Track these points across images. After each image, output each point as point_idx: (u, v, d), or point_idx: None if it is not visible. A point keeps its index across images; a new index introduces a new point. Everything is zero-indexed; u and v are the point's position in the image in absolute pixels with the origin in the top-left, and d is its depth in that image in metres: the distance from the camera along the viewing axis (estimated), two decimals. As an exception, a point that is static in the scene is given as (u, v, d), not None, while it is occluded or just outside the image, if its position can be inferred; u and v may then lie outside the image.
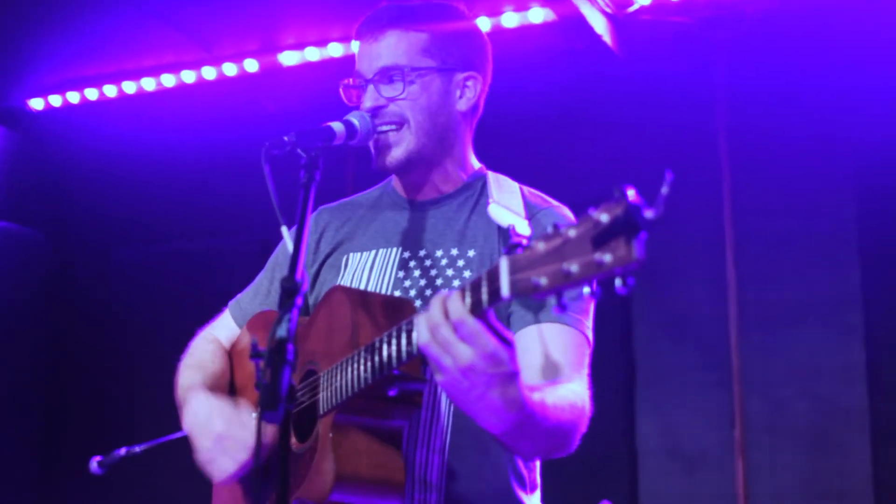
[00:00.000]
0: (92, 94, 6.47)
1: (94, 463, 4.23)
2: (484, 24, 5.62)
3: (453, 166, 2.77)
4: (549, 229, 1.88)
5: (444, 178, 2.77)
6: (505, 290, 1.93)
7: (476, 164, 2.83)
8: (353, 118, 2.64)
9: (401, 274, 2.67)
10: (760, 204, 5.65)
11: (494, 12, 5.61)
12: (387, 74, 2.69)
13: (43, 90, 6.55)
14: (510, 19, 5.60)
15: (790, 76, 5.54)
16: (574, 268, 1.81)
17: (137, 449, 4.27)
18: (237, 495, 2.76)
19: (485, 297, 2.00)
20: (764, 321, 5.55)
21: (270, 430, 2.56)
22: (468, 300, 2.05)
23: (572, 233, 1.83)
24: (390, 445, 2.40)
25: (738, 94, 5.70)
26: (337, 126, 2.58)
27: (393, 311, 2.41)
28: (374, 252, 2.75)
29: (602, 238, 1.78)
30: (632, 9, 5.39)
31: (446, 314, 2.07)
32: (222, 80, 6.28)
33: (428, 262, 2.67)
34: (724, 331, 5.59)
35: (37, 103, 6.58)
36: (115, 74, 6.38)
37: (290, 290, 2.12)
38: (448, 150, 2.75)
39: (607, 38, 5.30)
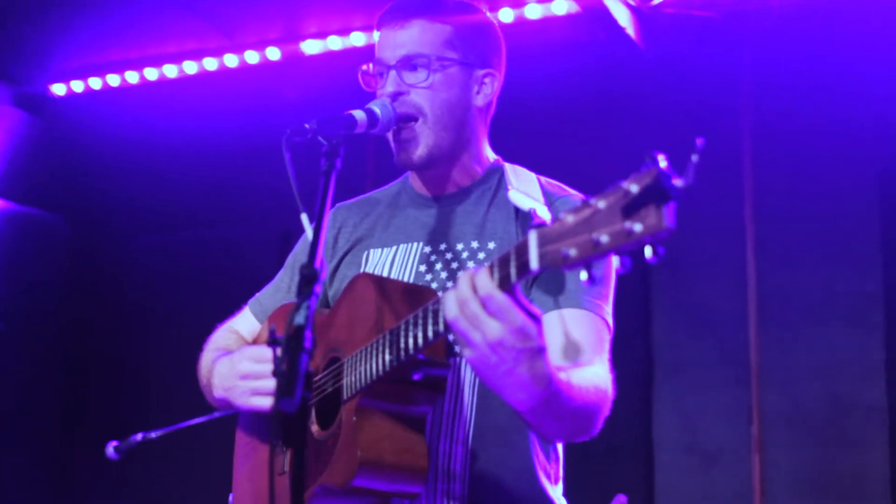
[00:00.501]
0: (114, 80, 6.48)
1: (111, 448, 4.26)
2: (507, 14, 5.61)
3: (470, 160, 2.78)
4: (578, 202, 1.89)
5: (461, 173, 2.77)
6: (534, 262, 1.94)
7: (492, 156, 2.83)
8: (375, 106, 2.64)
9: (422, 268, 2.68)
10: (783, 200, 5.62)
11: (518, 3, 5.60)
12: (410, 62, 2.69)
13: (65, 76, 6.57)
14: (533, 10, 5.59)
15: (816, 72, 5.50)
16: (604, 238, 1.81)
17: (154, 435, 4.29)
18: (256, 466, 2.77)
19: (513, 271, 2.00)
20: (783, 317, 5.53)
21: None
22: (496, 276, 2.06)
23: (601, 204, 1.83)
24: (414, 431, 2.41)
25: (762, 89, 5.67)
26: (358, 114, 2.58)
27: (416, 298, 2.40)
28: (395, 248, 2.76)
29: (632, 207, 1.78)
30: (656, 2, 5.37)
31: (475, 289, 2.08)
32: (244, 68, 6.28)
33: (449, 256, 2.67)
34: (744, 326, 5.57)
35: (59, 89, 6.60)
36: (137, 61, 6.39)
37: (308, 277, 2.12)
38: (465, 144, 2.75)
39: (631, 30, 5.28)
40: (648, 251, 1.77)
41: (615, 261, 2.64)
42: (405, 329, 2.26)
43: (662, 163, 1.77)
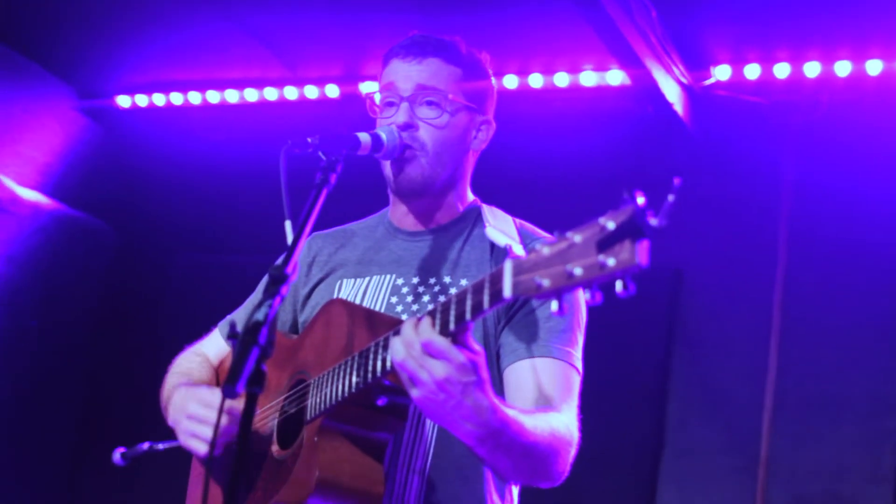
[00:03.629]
0: (177, 98, 6.62)
1: (118, 454, 4.30)
2: (563, 80, 5.67)
3: (454, 199, 2.86)
4: (555, 234, 1.93)
5: (444, 211, 2.85)
6: (507, 290, 1.99)
7: (471, 196, 2.91)
8: (382, 132, 2.71)
9: (393, 300, 2.73)
10: (812, 296, 5.59)
11: (574, 69, 5.66)
12: (425, 96, 2.76)
13: (131, 89, 6.71)
14: (588, 78, 5.65)
15: (857, 172, 5.50)
16: (577, 270, 1.86)
17: (161, 446, 4.32)
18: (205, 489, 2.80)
19: (486, 298, 2.06)
20: (799, 413, 5.48)
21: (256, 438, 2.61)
22: (438, 322, 2.15)
23: (578, 238, 1.88)
24: (373, 457, 2.43)
25: (803, 182, 5.67)
26: (363, 136, 2.66)
27: (387, 328, 2.44)
28: (367, 279, 2.81)
29: (607, 242, 1.83)
30: (708, 82, 5.40)
31: (417, 334, 2.16)
32: (303, 101, 6.38)
33: (421, 289, 2.73)
34: (758, 417, 5.52)
35: (124, 101, 6.75)
36: (200, 82, 6.52)
37: (277, 277, 2.18)
38: (454, 183, 2.84)
39: (679, 107, 5.31)
40: (619, 286, 1.82)
41: (583, 303, 2.70)
42: (373, 353, 2.30)
43: (640, 200, 1.81)
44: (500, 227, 2.66)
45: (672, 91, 5.27)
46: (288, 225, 2.45)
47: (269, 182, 6.72)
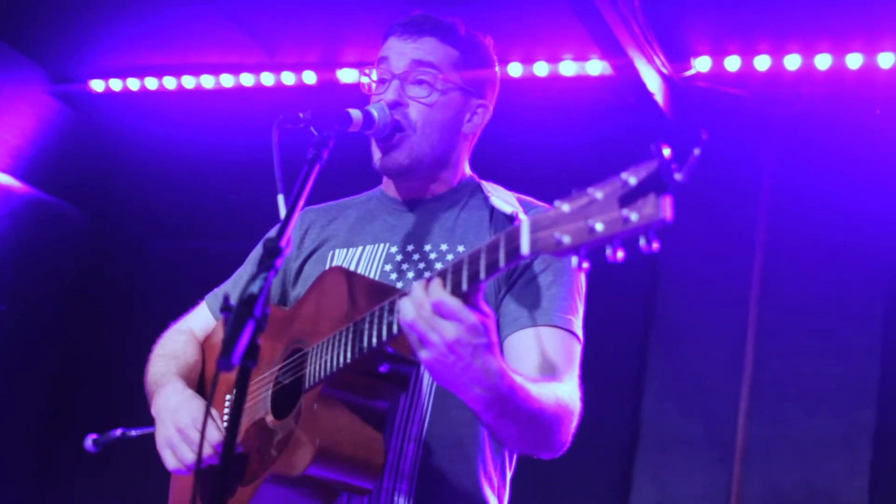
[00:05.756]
0: (151, 83, 6.55)
1: (90, 440, 4.27)
2: (542, 69, 5.66)
3: (448, 176, 2.84)
4: (574, 191, 1.90)
5: (437, 185, 2.84)
6: (525, 247, 1.95)
7: (468, 171, 2.90)
8: (373, 109, 2.70)
9: (388, 267, 2.71)
10: (789, 288, 5.61)
11: (554, 59, 5.65)
12: (417, 73, 2.74)
13: (105, 73, 6.64)
14: (568, 68, 5.64)
15: (836, 166, 5.52)
16: (599, 225, 1.82)
17: (133, 433, 4.29)
18: (190, 488, 2.77)
19: (502, 256, 2.01)
20: (775, 404, 5.49)
21: (243, 418, 2.57)
22: (449, 282, 2.11)
23: (599, 194, 1.84)
24: (373, 426, 2.40)
25: (782, 175, 5.68)
26: (355, 113, 2.64)
27: (385, 296, 2.40)
28: (360, 248, 2.80)
29: (629, 197, 1.79)
30: (688, 73, 5.40)
31: (428, 294, 2.12)
32: (279, 88, 6.33)
33: (416, 257, 2.71)
34: (734, 408, 5.53)
35: (97, 85, 6.67)
36: (176, 67, 6.46)
37: (272, 250, 2.14)
38: (445, 163, 2.82)
39: (660, 97, 5.31)
40: (643, 241, 1.78)
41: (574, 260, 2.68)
42: (377, 317, 2.26)
43: (666, 153, 1.77)
44: (502, 198, 2.65)
45: (653, 81, 5.27)
46: (281, 199, 2.42)
47: (244, 168, 6.73)
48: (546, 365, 2.52)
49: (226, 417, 2.71)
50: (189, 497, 2.73)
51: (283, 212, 2.36)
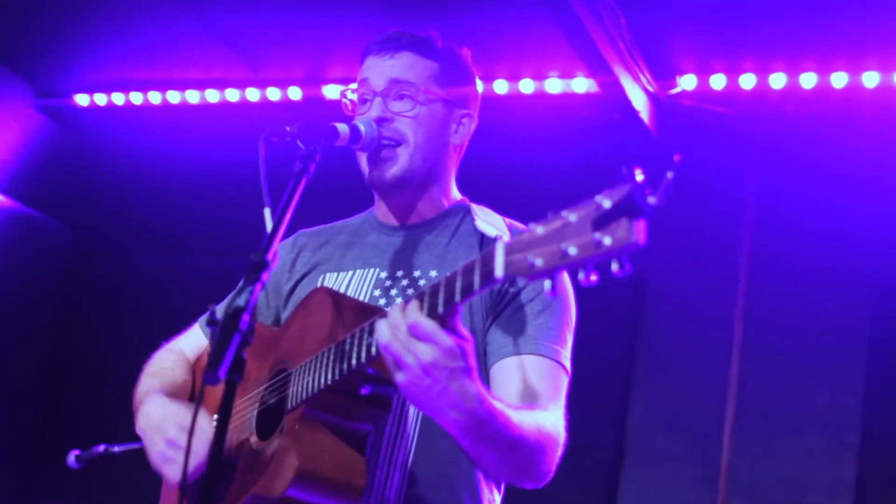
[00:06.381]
0: (136, 97, 6.54)
1: (72, 457, 4.24)
2: (527, 86, 5.67)
3: (438, 193, 2.82)
4: (549, 214, 1.89)
5: (427, 204, 2.81)
6: (499, 270, 1.94)
7: (458, 195, 2.88)
8: (360, 123, 2.69)
9: (377, 293, 2.69)
10: (774, 309, 5.62)
11: (539, 76, 5.66)
12: (398, 89, 2.74)
13: (90, 87, 6.62)
14: (554, 85, 5.64)
15: (821, 185, 5.53)
16: (572, 249, 1.81)
17: (116, 449, 4.27)
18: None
19: (477, 279, 2.00)
20: (760, 423, 5.49)
21: (230, 436, 2.55)
22: (426, 305, 2.10)
23: (573, 217, 1.84)
24: (355, 448, 2.37)
25: (767, 194, 5.69)
26: (342, 127, 2.63)
27: (371, 316, 2.39)
28: (351, 272, 2.77)
29: (603, 221, 1.78)
30: (674, 91, 5.41)
31: (404, 317, 2.12)
32: (265, 104, 6.33)
33: (405, 283, 2.69)
34: (719, 428, 5.53)
35: (82, 99, 6.66)
36: (161, 82, 6.44)
37: (257, 263, 2.13)
38: (436, 177, 2.80)
39: (645, 115, 5.32)
40: (615, 266, 1.77)
41: (573, 304, 2.67)
42: (357, 339, 2.25)
43: (639, 177, 1.76)
44: (489, 221, 2.63)
45: (639, 99, 5.28)
46: (267, 212, 2.40)
47: (230, 184, 6.71)
48: (528, 393, 2.50)
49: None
50: None
51: (269, 225, 2.34)
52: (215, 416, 2.65)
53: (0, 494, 6.81)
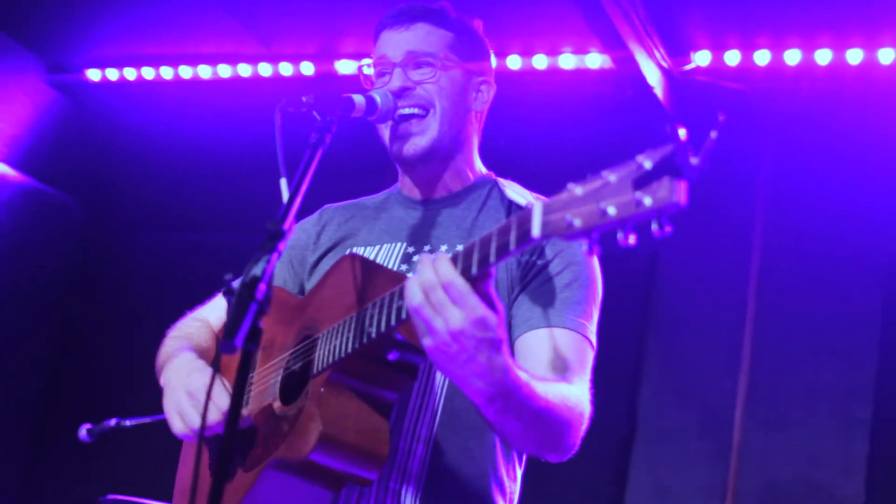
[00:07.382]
0: (148, 73, 6.53)
1: (84, 430, 4.26)
2: (541, 62, 5.65)
3: (463, 165, 2.79)
4: (589, 175, 1.86)
5: (453, 176, 2.78)
6: (536, 230, 1.90)
7: (484, 169, 2.85)
8: (376, 94, 2.66)
9: (404, 267, 2.66)
10: (786, 283, 5.60)
11: (553, 51, 5.64)
12: (416, 59, 2.72)
13: (102, 62, 6.62)
14: (567, 61, 5.62)
15: (835, 161, 5.51)
16: (611, 208, 1.77)
17: (128, 423, 4.28)
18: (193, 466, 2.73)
19: (513, 238, 1.96)
20: (772, 400, 5.49)
21: (252, 402, 2.54)
22: (460, 264, 2.06)
23: (612, 177, 1.80)
24: (380, 415, 2.34)
25: (781, 170, 5.67)
26: (358, 98, 2.61)
27: (397, 283, 2.36)
28: (377, 246, 2.75)
29: (644, 181, 1.74)
30: (688, 67, 5.39)
31: (437, 275, 2.07)
32: (277, 79, 6.32)
33: None
34: (731, 403, 5.52)
35: (94, 74, 6.65)
36: (173, 57, 6.44)
37: (273, 233, 2.11)
38: (460, 146, 2.77)
39: (659, 91, 5.29)
40: (655, 226, 1.74)
41: (600, 279, 2.65)
42: (387, 302, 2.22)
43: (682, 134, 1.73)
44: (520, 193, 2.63)
45: (653, 75, 5.25)
46: (283, 183, 2.38)
47: (241, 159, 6.70)
48: (555, 365, 2.47)
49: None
50: (191, 475, 2.70)
51: (285, 196, 2.33)
52: None
53: (12, 468, 6.84)
